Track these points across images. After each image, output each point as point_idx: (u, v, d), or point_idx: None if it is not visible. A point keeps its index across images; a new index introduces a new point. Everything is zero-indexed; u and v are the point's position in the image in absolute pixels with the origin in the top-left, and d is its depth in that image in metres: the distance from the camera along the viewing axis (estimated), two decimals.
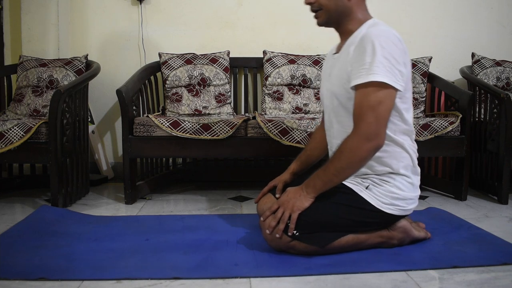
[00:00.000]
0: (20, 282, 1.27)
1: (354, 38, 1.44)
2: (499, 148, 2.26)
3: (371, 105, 1.32)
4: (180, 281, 1.29)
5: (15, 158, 2.15)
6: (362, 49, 1.35)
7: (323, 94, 1.62)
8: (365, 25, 1.45)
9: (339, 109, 1.50)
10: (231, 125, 2.15)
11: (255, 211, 1.88)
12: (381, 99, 1.32)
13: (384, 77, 1.31)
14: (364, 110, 1.33)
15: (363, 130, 1.32)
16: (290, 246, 1.44)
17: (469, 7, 2.98)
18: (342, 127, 1.51)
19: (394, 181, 1.47)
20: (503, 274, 1.34)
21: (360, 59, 1.35)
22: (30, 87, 2.50)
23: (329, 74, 1.56)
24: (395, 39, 1.35)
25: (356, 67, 1.36)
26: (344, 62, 1.45)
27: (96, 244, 1.58)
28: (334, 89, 1.50)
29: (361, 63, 1.35)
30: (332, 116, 1.56)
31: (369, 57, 1.33)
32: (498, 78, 2.72)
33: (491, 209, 2.14)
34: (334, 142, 1.56)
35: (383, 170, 1.47)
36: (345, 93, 1.45)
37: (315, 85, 2.69)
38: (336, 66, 1.51)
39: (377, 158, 1.45)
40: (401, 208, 1.48)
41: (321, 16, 1.50)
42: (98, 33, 2.88)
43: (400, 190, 1.47)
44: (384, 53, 1.32)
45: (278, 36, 2.91)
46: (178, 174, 2.81)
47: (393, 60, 1.32)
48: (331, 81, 1.53)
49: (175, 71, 2.62)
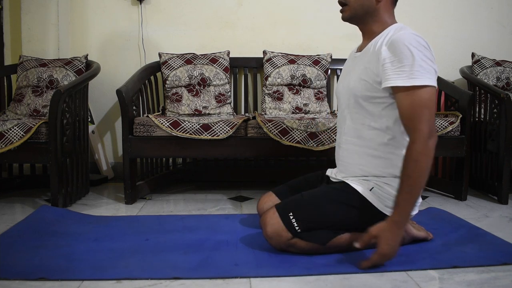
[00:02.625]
0: (20, 282, 1.27)
1: (378, 39, 1.45)
2: (499, 148, 2.26)
3: (424, 104, 1.33)
4: (180, 281, 1.29)
5: (15, 158, 2.15)
6: (397, 51, 1.36)
7: (339, 92, 1.63)
8: (391, 27, 1.47)
9: (354, 106, 1.51)
10: (231, 125, 2.15)
11: (255, 211, 1.88)
12: (430, 97, 1.34)
13: (427, 80, 1.33)
14: (418, 110, 1.34)
15: (424, 129, 1.32)
16: (291, 244, 1.45)
17: (469, 7, 2.98)
18: (353, 123, 1.52)
19: (397, 185, 1.46)
20: (503, 274, 1.34)
21: (396, 61, 1.36)
22: (30, 87, 2.50)
23: (348, 72, 1.58)
24: (425, 43, 1.38)
25: (393, 69, 1.37)
26: (368, 61, 1.46)
27: (96, 244, 1.58)
28: (352, 86, 1.51)
29: (398, 65, 1.36)
30: (346, 113, 1.56)
31: (407, 60, 1.34)
32: (498, 78, 2.71)
33: (491, 209, 2.14)
34: (343, 139, 1.57)
35: (388, 173, 1.47)
36: (364, 91, 1.46)
37: (315, 85, 2.69)
38: (357, 65, 1.52)
39: (384, 160, 1.46)
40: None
41: (346, 11, 1.52)
42: (98, 33, 2.88)
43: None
44: (421, 56, 1.34)
45: (278, 36, 2.91)
46: (178, 174, 2.81)
47: (429, 62, 1.35)
48: (349, 78, 1.54)
49: (175, 71, 2.62)
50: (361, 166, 1.51)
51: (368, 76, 1.44)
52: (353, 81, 1.50)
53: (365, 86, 1.45)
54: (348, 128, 1.55)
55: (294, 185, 1.74)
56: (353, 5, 1.49)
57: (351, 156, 1.54)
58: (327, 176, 1.72)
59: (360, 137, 1.51)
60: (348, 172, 1.55)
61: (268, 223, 1.46)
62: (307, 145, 2.12)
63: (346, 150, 1.56)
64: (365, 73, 1.45)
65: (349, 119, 1.55)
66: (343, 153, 1.58)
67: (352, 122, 1.53)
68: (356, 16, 1.51)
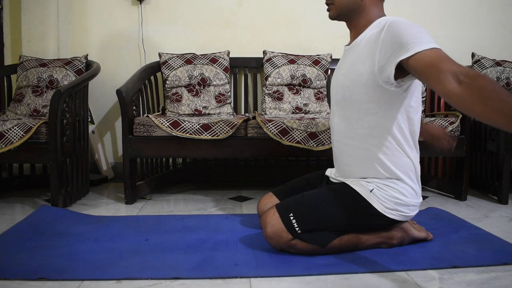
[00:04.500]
0: (20, 282, 1.27)
1: (369, 31, 1.42)
2: (499, 148, 2.26)
3: (443, 56, 1.18)
4: (180, 281, 1.29)
5: (15, 158, 2.14)
6: (396, 32, 1.28)
7: (332, 87, 1.62)
8: (382, 19, 1.43)
9: (343, 101, 1.50)
10: (231, 125, 2.15)
11: (255, 211, 1.88)
12: (444, 53, 1.20)
13: (434, 44, 1.22)
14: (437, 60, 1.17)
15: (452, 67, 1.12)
16: (291, 245, 1.44)
17: (470, 7, 2.98)
18: (342, 120, 1.51)
19: (397, 187, 1.46)
20: (503, 274, 1.34)
21: (397, 42, 1.27)
22: (30, 87, 2.50)
23: (338, 67, 1.58)
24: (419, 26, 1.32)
25: (396, 47, 1.27)
26: (358, 55, 1.43)
27: (96, 244, 1.58)
28: (341, 80, 1.50)
29: (400, 44, 1.26)
30: (335, 109, 1.56)
31: (408, 36, 1.25)
32: (498, 78, 2.72)
33: (491, 209, 2.14)
34: (335, 137, 1.57)
35: (387, 175, 1.46)
36: (351, 85, 1.43)
37: (315, 85, 2.69)
38: (347, 58, 1.51)
39: (382, 162, 1.45)
40: (404, 214, 1.48)
41: (332, 10, 1.52)
42: (98, 33, 2.88)
43: (404, 196, 1.46)
44: (420, 29, 1.27)
45: (278, 36, 2.91)
46: (178, 174, 2.81)
47: (429, 35, 1.27)
48: (340, 72, 1.54)
49: (175, 71, 2.62)
50: (356, 168, 1.51)
51: (358, 68, 1.41)
52: (343, 76, 1.49)
53: (352, 82, 1.43)
54: (336, 124, 1.55)
55: (294, 186, 1.74)
56: (338, 3, 1.49)
57: (346, 157, 1.54)
58: (326, 176, 1.72)
59: (349, 136, 1.50)
60: (346, 174, 1.56)
61: (268, 224, 1.46)
62: (307, 145, 2.12)
63: (338, 148, 1.57)
64: (354, 67, 1.43)
65: (337, 115, 1.54)
66: (337, 150, 1.59)
67: (341, 119, 1.52)
68: (342, 14, 1.50)
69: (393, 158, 1.45)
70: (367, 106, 1.43)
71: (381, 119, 1.42)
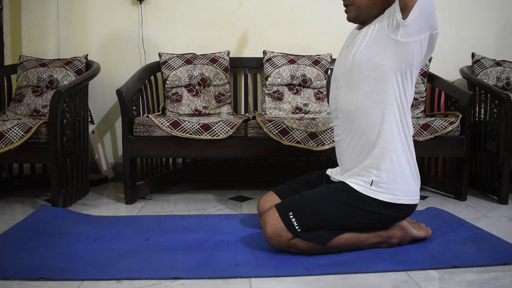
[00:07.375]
0: (20, 282, 1.27)
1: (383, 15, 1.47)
2: (499, 148, 2.26)
3: None
4: (180, 281, 1.29)
5: (15, 158, 2.14)
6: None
7: (336, 66, 1.62)
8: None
9: (352, 71, 1.49)
10: (231, 125, 2.15)
11: (255, 211, 1.88)
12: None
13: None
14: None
15: None
16: (291, 244, 1.45)
17: (470, 7, 2.98)
18: (349, 89, 1.51)
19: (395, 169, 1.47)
20: (503, 274, 1.34)
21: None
22: (30, 87, 2.50)
23: (348, 45, 1.58)
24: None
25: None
26: (370, 32, 1.47)
27: (96, 244, 1.58)
28: (352, 54, 1.50)
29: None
30: (342, 81, 1.55)
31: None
32: (498, 78, 2.72)
33: (491, 209, 2.14)
34: (340, 109, 1.56)
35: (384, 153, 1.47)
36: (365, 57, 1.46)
37: (315, 85, 2.69)
38: (359, 36, 1.51)
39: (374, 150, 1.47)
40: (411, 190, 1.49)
41: (351, 11, 1.51)
42: (98, 33, 2.88)
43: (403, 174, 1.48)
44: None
45: (278, 36, 2.91)
46: (178, 174, 2.81)
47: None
48: (350, 49, 1.53)
49: (175, 71, 2.62)
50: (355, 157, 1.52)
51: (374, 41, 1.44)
52: (356, 50, 1.49)
53: (366, 56, 1.45)
54: (343, 96, 1.53)
55: (295, 185, 1.74)
56: (358, 4, 1.48)
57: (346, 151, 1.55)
58: (327, 175, 1.72)
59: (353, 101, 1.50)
60: (346, 166, 1.56)
61: (268, 223, 1.46)
62: (307, 145, 2.12)
63: (339, 136, 1.58)
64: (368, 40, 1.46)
65: (344, 85, 1.53)
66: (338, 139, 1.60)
67: (348, 88, 1.51)
68: (361, 15, 1.50)
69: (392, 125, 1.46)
70: (375, 60, 1.44)
71: (387, 72, 1.43)
